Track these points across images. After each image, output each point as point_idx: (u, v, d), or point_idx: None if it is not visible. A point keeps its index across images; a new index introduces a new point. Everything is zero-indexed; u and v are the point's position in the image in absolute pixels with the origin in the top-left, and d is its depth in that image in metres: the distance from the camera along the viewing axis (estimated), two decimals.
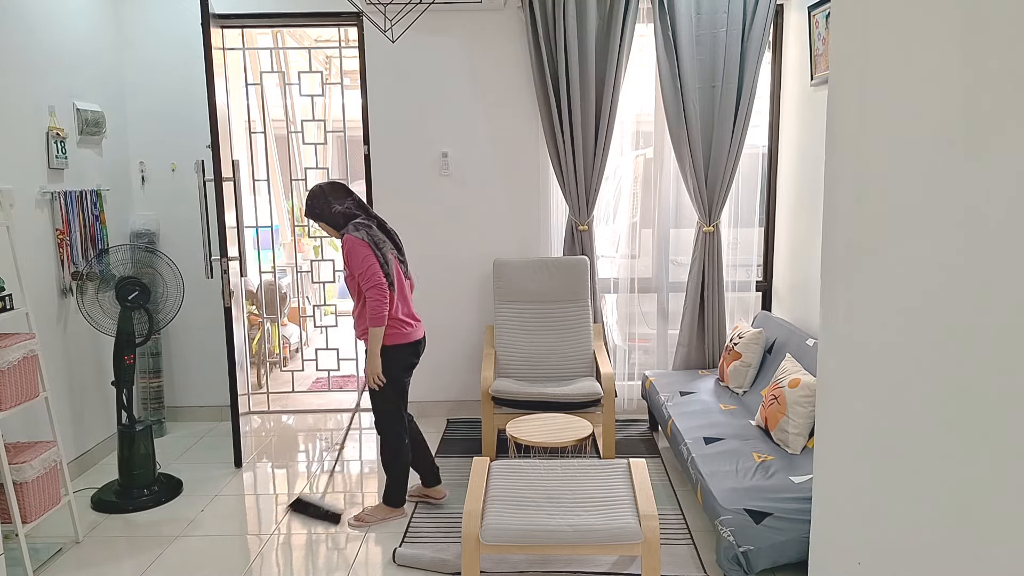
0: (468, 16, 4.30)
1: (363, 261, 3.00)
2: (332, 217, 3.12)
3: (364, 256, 3.00)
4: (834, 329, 1.62)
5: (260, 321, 5.23)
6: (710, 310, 4.35)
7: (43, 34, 3.60)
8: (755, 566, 2.55)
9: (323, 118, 5.33)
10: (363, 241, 3.01)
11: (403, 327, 3.13)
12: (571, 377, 4.10)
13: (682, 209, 4.46)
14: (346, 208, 3.13)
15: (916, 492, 1.33)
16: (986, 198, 1.13)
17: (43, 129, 3.57)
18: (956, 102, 1.20)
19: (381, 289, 2.99)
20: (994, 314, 1.12)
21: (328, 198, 3.12)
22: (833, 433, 1.64)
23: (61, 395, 3.67)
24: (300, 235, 5.88)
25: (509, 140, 4.41)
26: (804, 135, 4.06)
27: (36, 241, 3.52)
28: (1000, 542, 1.12)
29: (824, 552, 1.71)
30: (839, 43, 1.57)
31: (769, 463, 2.97)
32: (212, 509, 3.48)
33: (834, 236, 1.60)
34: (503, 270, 4.29)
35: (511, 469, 2.96)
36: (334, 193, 3.14)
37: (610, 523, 2.56)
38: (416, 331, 3.20)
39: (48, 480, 2.99)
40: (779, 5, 4.27)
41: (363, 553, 3.08)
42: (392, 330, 3.10)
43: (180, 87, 4.31)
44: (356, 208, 3.16)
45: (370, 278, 3.00)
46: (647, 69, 4.34)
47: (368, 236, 3.03)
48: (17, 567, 2.82)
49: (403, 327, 3.13)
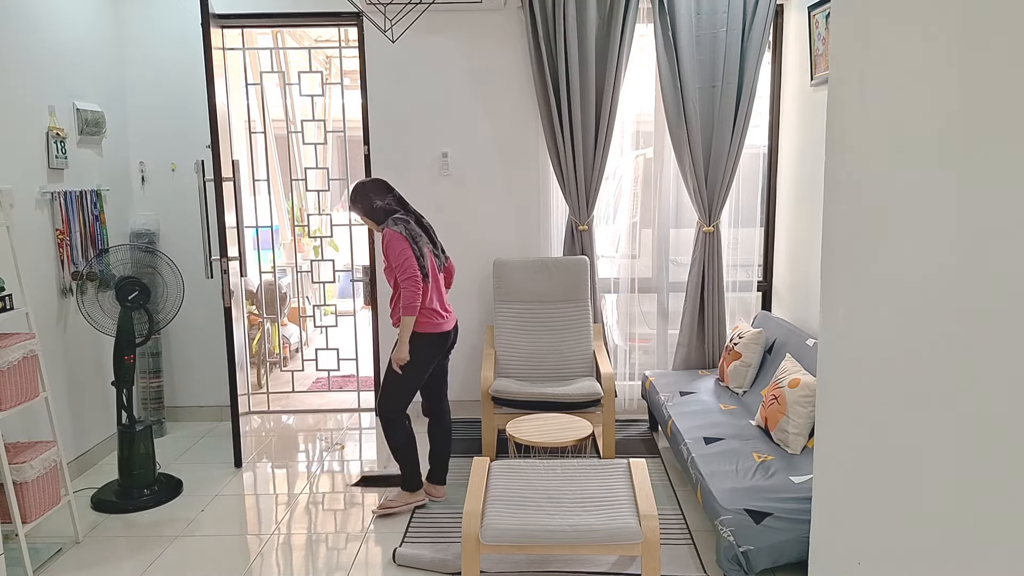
0: (468, 16, 4.30)
1: (400, 254, 3.16)
2: (373, 212, 3.29)
3: (401, 250, 3.16)
4: (834, 329, 1.62)
5: (260, 321, 5.23)
6: (710, 310, 4.35)
7: (43, 34, 3.60)
8: (755, 566, 2.55)
9: (323, 118, 5.33)
10: (401, 235, 3.17)
11: (435, 317, 3.28)
12: (571, 377, 4.10)
13: (682, 209, 4.46)
14: (387, 204, 3.29)
15: (916, 492, 1.33)
16: (986, 198, 1.13)
17: (43, 129, 3.57)
18: (956, 102, 1.20)
19: (415, 281, 3.15)
20: (994, 314, 1.12)
21: (370, 194, 3.29)
22: (833, 433, 1.64)
23: (61, 395, 3.67)
24: (300, 235, 5.88)
25: (509, 140, 4.41)
26: (804, 135, 4.06)
27: (36, 241, 3.52)
28: (1000, 542, 1.12)
29: (824, 552, 1.71)
30: (839, 43, 1.57)
31: (769, 463, 2.97)
32: (212, 509, 3.48)
33: (834, 236, 1.60)
34: (503, 270, 4.29)
35: (511, 469, 2.96)
36: (376, 189, 3.31)
37: (610, 523, 2.56)
38: (447, 322, 3.34)
39: (48, 480, 2.99)
40: (779, 5, 4.27)
41: (363, 553, 3.08)
42: (424, 319, 3.25)
43: (180, 87, 4.31)
44: (396, 204, 3.32)
45: (405, 270, 3.15)
46: (647, 69, 4.34)
47: (406, 230, 3.19)
48: (17, 567, 2.83)
49: (435, 317, 3.28)
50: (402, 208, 3.32)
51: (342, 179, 4.88)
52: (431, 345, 3.29)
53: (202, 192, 3.88)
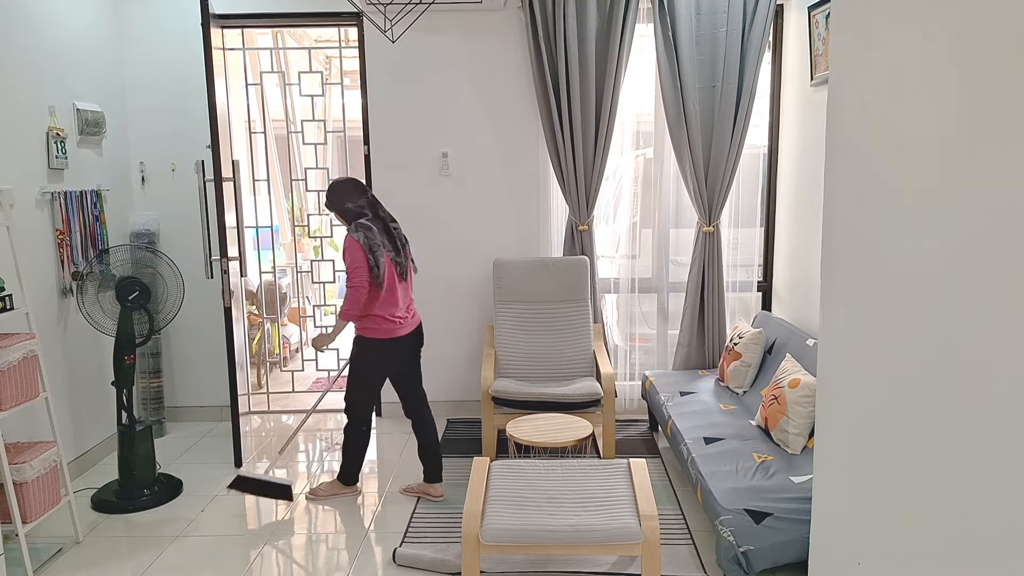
0: (468, 16, 4.30)
1: (352, 262, 3.24)
2: (344, 212, 3.36)
3: (355, 258, 3.23)
4: (834, 329, 1.62)
5: (260, 321, 5.23)
6: (710, 310, 4.35)
7: (43, 34, 3.60)
8: (755, 566, 2.55)
9: (323, 118, 5.32)
10: (358, 244, 3.24)
11: (384, 323, 3.34)
12: (571, 377, 4.10)
13: (682, 209, 4.46)
14: (358, 206, 3.34)
15: (916, 492, 1.33)
16: (985, 198, 1.13)
17: (43, 129, 3.57)
18: (955, 102, 1.20)
19: (361, 290, 3.23)
20: (994, 314, 1.12)
21: (343, 194, 3.36)
22: (833, 433, 1.64)
23: (61, 395, 3.67)
24: (300, 235, 5.88)
25: (509, 140, 4.41)
26: (804, 135, 4.06)
27: (36, 241, 3.52)
28: (1000, 542, 1.12)
29: (824, 552, 1.71)
30: (839, 43, 1.57)
31: (769, 463, 2.97)
32: (212, 509, 3.48)
33: (834, 236, 1.61)
34: (503, 270, 4.29)
35: (511, 469, 2.96)
36: (349, 191, 3.37)
37: (610, 523, 2.56)
38: (401, 328, 3.39)
39: (48, 480, 2.99)
40: (779, 5, 4.27)
41: (363, 553, 3.08)
42: (375, 325, 3.34)
43: (180, 87, 4.31)
44: (368, 207, 3.37)
45: (353, 278, 3.24)
46: (647, 69, 4.34)
47: (365, 239, 3.25)
48: (17, 567, 2.82)
49: (384, 323, 3.34)
50: (372, 212, 3.36)
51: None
52: (383, 350, 3.38)
53: (202, 192, 3.88)
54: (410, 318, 3.44)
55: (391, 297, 3.33)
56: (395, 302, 3.35)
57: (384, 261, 3.28)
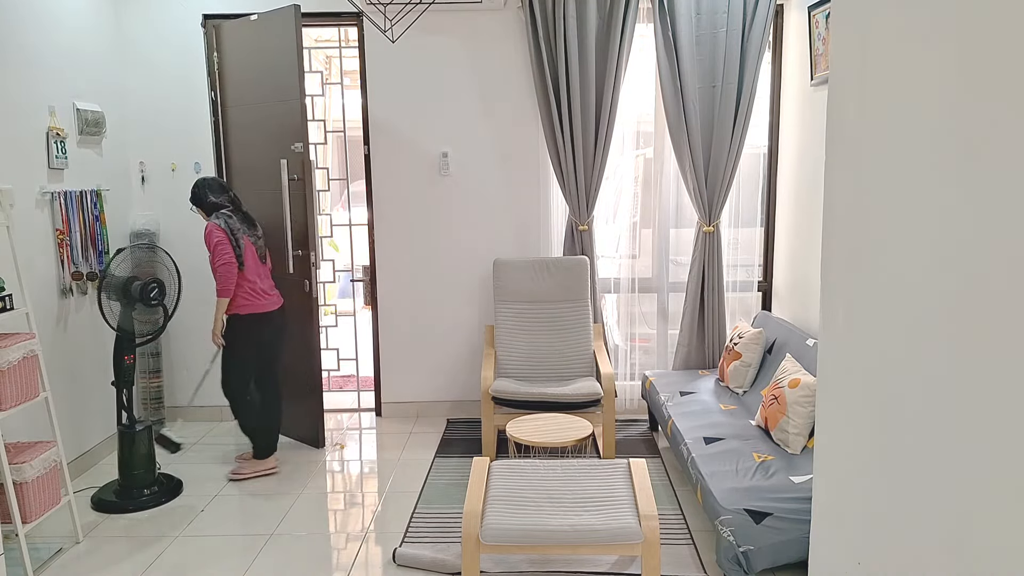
0: (468, 16, 4.30)
1: (216, 244, 3.56)
2: (204, 205, 3.70)
3: (218, 240, 3.56)
4: (834, 329, 1.62)
5: None
6: (710, 310, 4.35)
7: (43, 34, 3.60)
8: (755, 566, 2.55)
9: (323, 118, 5.32)
10: (219, 227, 3.59)
11: (251, 297, 3.67)
12: (571, 377, 4.10)
13: (682, 209, 4.46)
14: (220, 201, 3.70)
15: (916, 492, 1.33)
16: (986, 198, 1.13)
17: (43, 129, 3.57)
18: (955, 102, 1.20)
19: (230, 267, 3.56)
20: (993, 314, 1.12)
21: (206, 189, 3.71)
22: (833, 433, 1.64)
23: (61, 395, 3.67)
24: None
25: (509, 140, 4.41)
26: (804, 135, 4.06)
27: (36, 241, 3.52)
28: (1000, 542, 1.12)
29: (824, 552, 1.71)
30: (839, 43, 1.57)
31: (769, 463, 2.97)
32: (212, 509, 3.48)
33: (834, 236, 1.61)
34: (503, 270, 4.29)
35: (511, 469, 2.96)
36: (213, 187, 3.72)
37: (610, 523, 2.56)
38: (266, 304, 3.72)
39: (48, 480, 2.99)
40: (779, 5, 4.27)
41: (363, 553, 3.08)
42: (244, 301, 3.65)
43: (180, 87, 4.31)
44: (227, 202, 3.72)
45: (219, 255, 3.55)
46: (647, 69, 4.34)
47: (226, 223, 3.61)
48: (17, 567, 2.83)
49: (251, 297, 3.67)
50: (232, 206, 3.71)
51: (342, 179, 4.88)
52: (251, 326, 3.69)
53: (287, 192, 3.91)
54: (275, 296, 3.78)
55: (255, 275, 3.69)
56: (259, 279, 3.71)
57: (244, 242, 3.64)
